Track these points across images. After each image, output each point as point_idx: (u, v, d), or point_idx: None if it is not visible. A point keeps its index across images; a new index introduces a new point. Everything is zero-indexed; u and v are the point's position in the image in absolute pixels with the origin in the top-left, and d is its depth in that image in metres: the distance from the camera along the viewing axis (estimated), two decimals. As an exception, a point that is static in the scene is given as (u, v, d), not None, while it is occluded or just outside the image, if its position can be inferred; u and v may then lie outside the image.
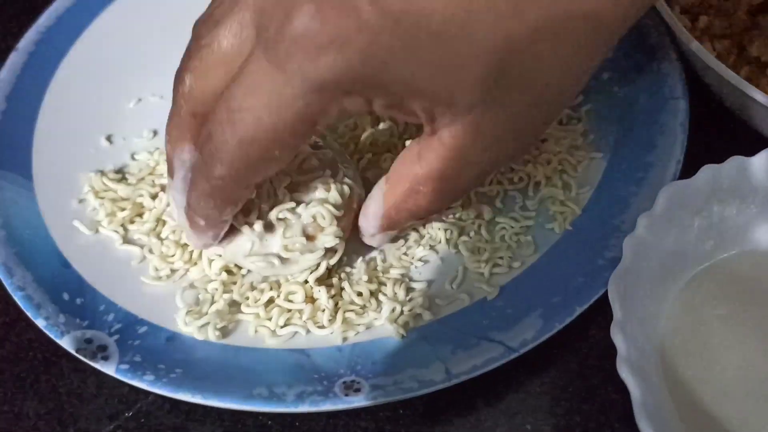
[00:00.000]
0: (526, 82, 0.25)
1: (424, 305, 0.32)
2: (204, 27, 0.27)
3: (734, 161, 0.28)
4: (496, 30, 0.23)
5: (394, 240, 0.33)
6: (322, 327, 0.31)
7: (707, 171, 0.28)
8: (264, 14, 0.24)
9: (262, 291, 0.32)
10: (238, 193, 0.28)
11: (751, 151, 0.29)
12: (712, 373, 0.27)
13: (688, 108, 0.35)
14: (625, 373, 0.24)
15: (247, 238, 0.31)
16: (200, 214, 0.29)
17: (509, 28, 0.23)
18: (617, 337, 0.24)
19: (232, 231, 0.31)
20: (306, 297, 0.32)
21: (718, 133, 0.37)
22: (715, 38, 0.36)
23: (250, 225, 0.31)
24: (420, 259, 0.33)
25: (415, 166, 0.28)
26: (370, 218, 0.31)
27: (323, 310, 0.31)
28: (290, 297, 0.32)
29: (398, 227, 0.32)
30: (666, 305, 0.28)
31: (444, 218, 0.34)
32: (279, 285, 0.32)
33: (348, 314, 0.31)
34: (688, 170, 0.32)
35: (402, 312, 0.31)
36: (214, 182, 0.27)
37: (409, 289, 0.32)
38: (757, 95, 0.31)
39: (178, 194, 0.31)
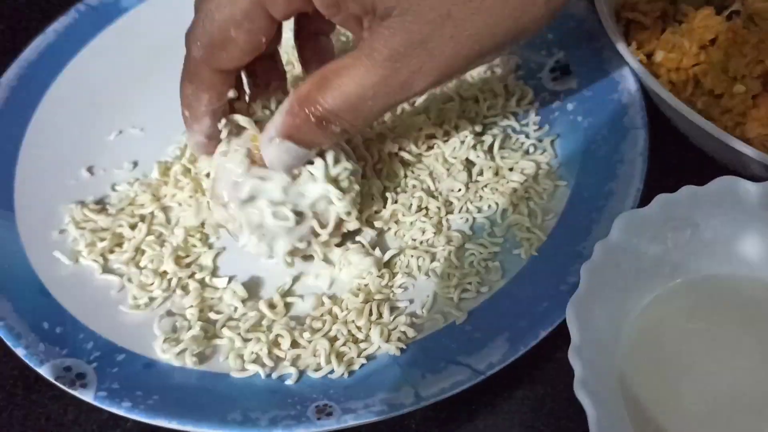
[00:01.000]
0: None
1: (407, 323, 0.33)
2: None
3: (686, 190, 0.30)
4: None
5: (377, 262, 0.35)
6: (318, 369, 0.32)
7: (661, 200, 0.30)
8: None
9: (245, 321, 0.33)
10: (209, 76, 0.32)
11: (708, 177, 0.30)
12: (669, 394, 0.28)
13: (648, 138, 0.37)
14: (581, 394, 0.25)
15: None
16: (184, 103, 0.33)
17: None
18: (575, 360, 0.26)
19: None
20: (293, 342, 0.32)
21: (677, 161, 0.38)
22: (672, 71, 0.38)
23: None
24: (400, 286, 0.34)
25: (331, 64, 0.29)
26: (275, 117, 0.31)
27: (315, 354, 0.32)
28: (278, 340, 0.33)
29: (300, 134, 0.31)
30: (624, 329, 0.30)
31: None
32: (269, 329, 0.33)
33: (342, 348, 0.32)
34: (649, 196, 0.34)
35: (390, 332, 0.32)
36: (190, 64, 0.32)
37: (392, 309, 0.33)
38: (711, 129, 0.32)
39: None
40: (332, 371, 0.31)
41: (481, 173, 0.37)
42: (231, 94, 0.33)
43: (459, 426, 0.32)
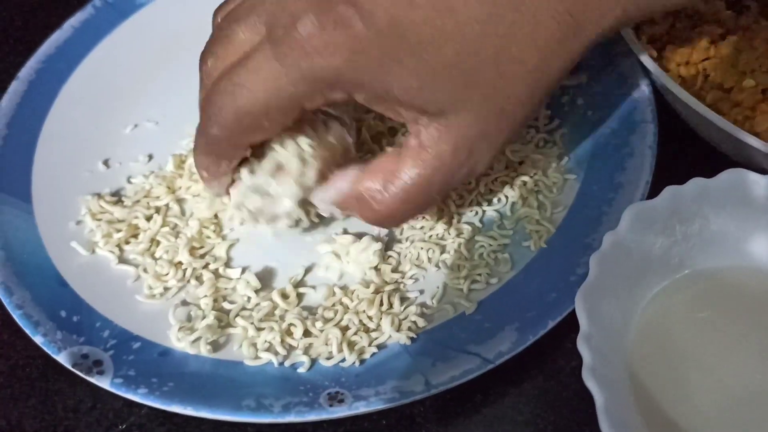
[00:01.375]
0: (491, 91, 0.29)
1: (417, 313, 0.33)
2: (225, 21, 0.31)
3: (695, 182, 0.30)
4: (463, 44, 0.28)
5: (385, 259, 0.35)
6: (330, 358, 0.32)
7: (669, 192, 0.30)
8: (275, 18, 0.29)
9: (258, 311, 0.34)
10: (230, 151, 0.32)
11: (716, 170, 0.31)
12: (676, 383, 0.29)
13: (657, 131, 0.37)
14: (589, 381, 0.25)
15: (242, 182, 0.33)
16: (201, 167, 0.33)
17: (476, 44, 0.28)
18: (583, 347, 0.26)
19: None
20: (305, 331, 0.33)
21: (686, 154, 0.39)
22: (682, 65, 0.38)
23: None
24: (411, 277, 0.35)
25: (392, 162, 0.31)
26: (331, 190, 0.33)
27: (327, 343, 0.32)
28: (291, 330, 0.33)
29: (347, 212, 0.34)
30: (633, 319, 0.30)
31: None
32: (282, 318, 0.34)
33: (353, 338, 0.33)
34: (657, 190, 0.34)
35: (401, 321, 0.33)
36: (209, 140, 0.31)
37: (403, 299, 0.34)
38: (720, 122, 0.33)
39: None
40: (344, 360, 0.32)
41: (491, 166, 0.38)
42: (248, 153, 0.33)
43: (468, 414, 0.32)
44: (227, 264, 0.36)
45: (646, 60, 0.36)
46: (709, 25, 0.37)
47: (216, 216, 0.38)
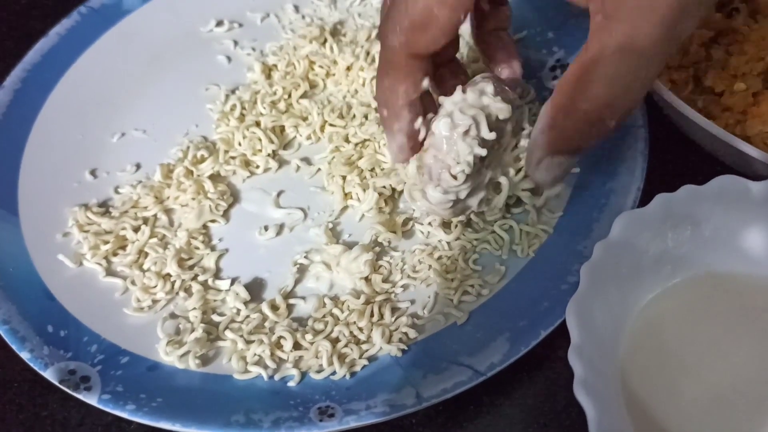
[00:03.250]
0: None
1: (408, 324, 0.33)
2: None
3: (686, 189, 0.30)
4: None
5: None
6: (320, 371, 0.32)
7: (660, 199, 0.30)
8: None
9: (248, 323, 0.33)
10: (405, 63, 0.31)
11: (708, 175, 0.30)
12: (670, 393, 0.28)
13: (648, 136, 0.37)
14: (581, 395, 0.25)
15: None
16: (381, 102, 0.33)
17: None
18: (574, 361, 0.26)
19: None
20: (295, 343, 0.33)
21: (678, 158, 0.38)
22: (672, 70, 0.37)
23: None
24: (401, 286, 0.35)
25: (580, 56, 0.28)
26: (537, 138, 0.30)
27: (318, 356, 0.32)
28: (281, 342, 0.33)
29: (568, 143, 0.30)
30: (625, 328, 0.30)
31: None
32: (271, 331, 0.33)
33: (344, 350, 0.32)
34: (649, 194, 0.34)
35: (391, 333, 0.32)
36: (388, 55, 0.32)
37: (394, 310, 0.34)
38: (711, 127, 0.32)
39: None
40: (334, 373, 0.31)
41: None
42: (425, 83, 0.32)
43: (460, 426, 0.32)
44: (216, 275, 0.36)
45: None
46: (699, 29, 0.37)
47: (204, 226, 0.37)
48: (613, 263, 0.29)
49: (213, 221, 0.37)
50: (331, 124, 0.40)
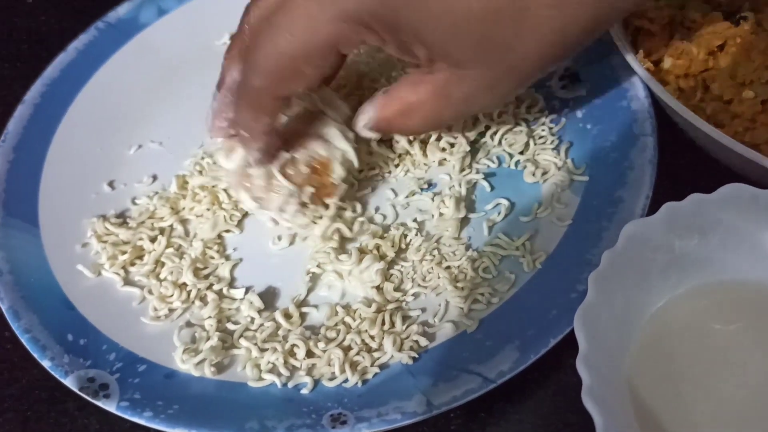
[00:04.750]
0: (506, 50, 0.30)
1: (419, 332, 0.33)
2: None
3: (693, 198, 0.30)
4: (488, 4, 0.29)
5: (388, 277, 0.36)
6: (333, 379, 0.32)
7: (667, 208, 0.30)
8: None
9: (262, 331, 0.34)
10: (270, 103, 0.33)
11: (717, 183, 0.31)
12: (678, 402, 0.29)
13: (657, 144, 0.37)
14: (589, 403, 0.25)
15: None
16: (241, 125, 0.34)
17: (501, 4, 0.29)
18: (582, 369, 0.26)
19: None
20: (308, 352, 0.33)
21: (686, 166, 0.38)
22: (680, 78, 0.38)
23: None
24: (412, 294, 0.35)
25: (410, 94, 0.33)
26: (363, 117, 0.35)
27: (330, 364, 0.33)
28: (294, 350, 0.33)
29: (382, 134, 0.36)
30: (633, 337, 0.30)
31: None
32: (285, 339, 0.34)
33: (356, 358, 0.33)
34: (659, 203, 0.34)
35: (402, 341, 0.33)
36: (250, 91, 0.32)
37: (404, 318, 0.34)
38: (719, 136, 0.33)
39: (219, 103, 0.35)
40: (346, 380, 0.32)
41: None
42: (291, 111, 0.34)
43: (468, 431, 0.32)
44: (231, 284, 0.37)
45: (643, 74, 0.36)
46: (708, 37, 0.37)
47: (219, 236, 0.38)
48: (620, 272, 0.29)
49: (227, 231, 0.38)
50: None
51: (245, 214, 0.39)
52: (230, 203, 0.38)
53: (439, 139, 0.39)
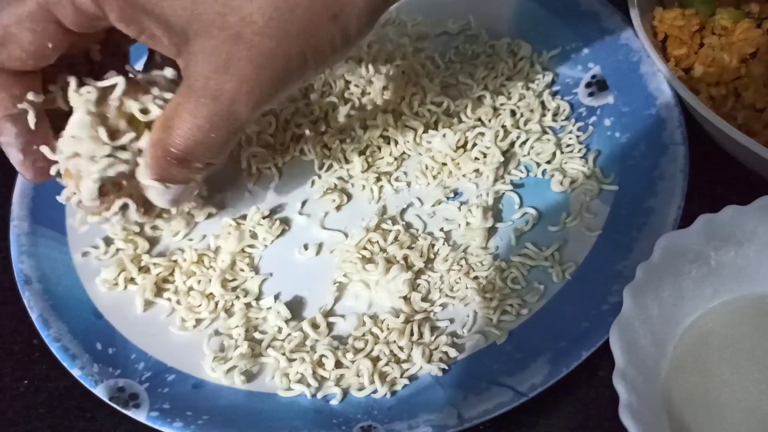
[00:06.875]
0: (221, 7, 0.26)
1: (448, 343, 0.33)
2: None
3: (729, 210, 0.30)
4: None
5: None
6: (362, 389, 0.32)
7: (703, 220, 0.29)
8: None
9: (289, 341, 0.34)
10: None
11: (750, 192, 0.30)
12: (714, 417, 0.28)
13: (688, 153, 0.36)
14: (626, 419, 0.25)
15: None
16: None
17: None
18: (619, 384, 0.26)
19: None
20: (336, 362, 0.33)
21: (719, 176, 0.38)
22: (712, 86, 0.37)
23: None
24: (440, 305, 0.35)
25: (169, 106, 0.30)
26: (147, 161, 0.31)
27: (359, 375, 0.33)
28: (322, 360, 0.33)
29: (162, 162, 0.31)
30: (668, 350, 0.30)
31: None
32: (313, 349, 0.34)
33: (384, 368, 0.33)
34: (690, 212, 0.34)
35: (431, 352, 0.33)
36: None
37: (433, 329, 0.34)
38: (751, 144, 0.32)
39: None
40: (375, 391, 0.32)
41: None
42: (32, 97, 0.31)
43: (501, 445, 0.32)
44: (258, 297, 0.36)
45: (673, 81, 0.35)
46: (740, 44, 0.37)
47: (243, 250, 0.38)
48: (655, 284, 0.29)
49: (252, 246, 0.38)
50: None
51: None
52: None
53: (470, 147, 0.39)
